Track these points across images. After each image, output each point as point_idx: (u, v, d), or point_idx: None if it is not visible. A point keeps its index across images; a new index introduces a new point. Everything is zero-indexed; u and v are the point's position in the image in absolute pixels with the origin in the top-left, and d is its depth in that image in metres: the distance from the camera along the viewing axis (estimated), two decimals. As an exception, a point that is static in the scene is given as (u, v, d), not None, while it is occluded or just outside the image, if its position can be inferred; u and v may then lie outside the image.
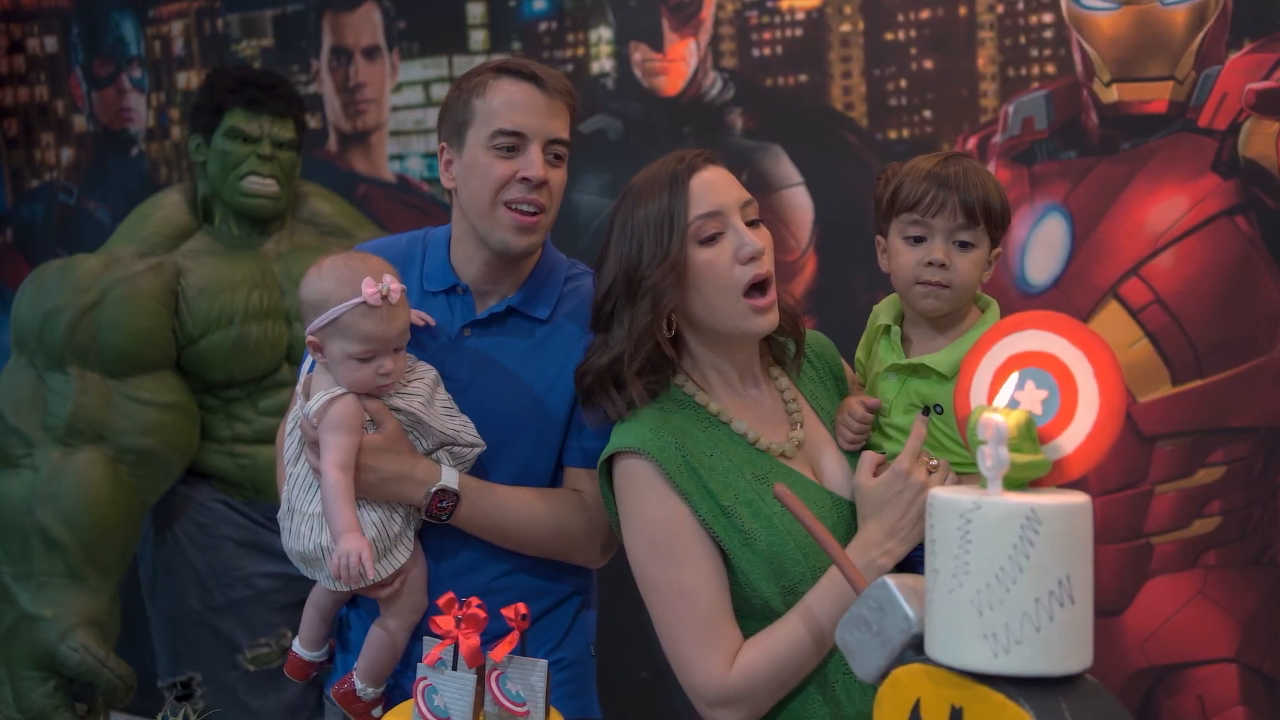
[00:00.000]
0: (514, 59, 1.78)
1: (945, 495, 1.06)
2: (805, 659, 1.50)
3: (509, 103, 1.71)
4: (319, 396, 1.64)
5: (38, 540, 2.58)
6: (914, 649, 1.13)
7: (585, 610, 1.89)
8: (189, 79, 3.65)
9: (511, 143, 1.70)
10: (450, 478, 1.68)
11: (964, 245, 1.58)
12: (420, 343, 1.77)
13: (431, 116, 3.32)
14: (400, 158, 3.38)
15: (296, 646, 1.79)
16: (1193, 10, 2.44)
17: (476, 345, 1.78)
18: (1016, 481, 1.07)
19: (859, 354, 1.74)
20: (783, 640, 1.50)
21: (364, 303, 1.60)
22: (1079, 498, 1.04)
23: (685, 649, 1.51)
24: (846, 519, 1.58)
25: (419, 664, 1.37)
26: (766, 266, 1.56)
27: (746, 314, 1.55)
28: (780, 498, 1.37)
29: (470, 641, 1.32)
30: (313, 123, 3.45)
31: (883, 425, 1.65)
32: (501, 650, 1.36)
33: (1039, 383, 1.11)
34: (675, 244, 1.54)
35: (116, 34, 3.75)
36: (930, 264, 1.57)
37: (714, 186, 1.57)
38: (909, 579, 1.17)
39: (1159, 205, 2.50)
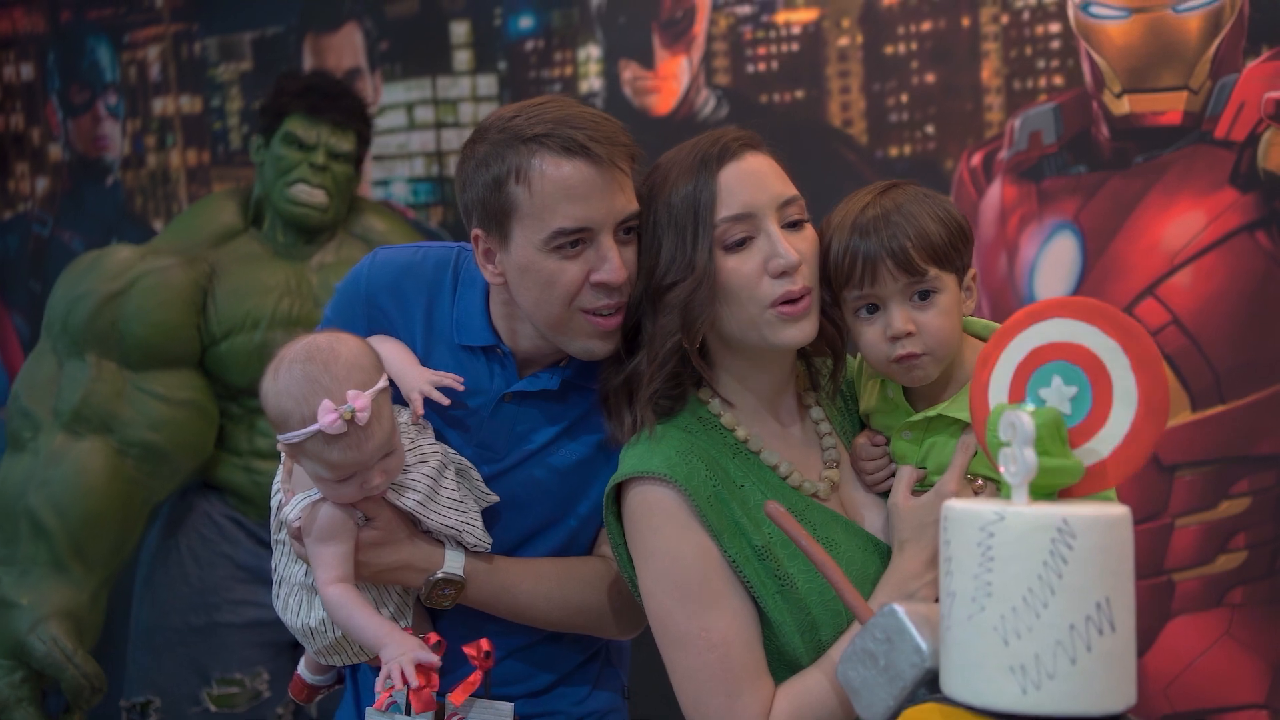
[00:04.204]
0: (545, 117, 1.43)
1: (963, 505, 0.92)
2: (844, 714, 1.31)
3: (563, 192, 1.39)
4: (298, 500, 1.43)
5: (26, 525, 2.55)
6: (928, 686, 0.99)
7: (618, 651, 1.71)
8: (165, 105, 3.56)
9: (576, 239, 1.41)
10: (454, 563, 1.48)
11: (924, 296, 1.37)
12: (449, 409, 1.51)
13: (415, 140, 3.23)
14: (384, 183, 3.29)
15: (301, 669, 1.64)
16: (1207, 17, 2.35)
17: (517, 414, 1.54)
18: (1045, 489, 0.93)
19: (863, 405, 1.53)
20: (815, 691, 1.31)
21: (322, 430, 1.34)
22: (1118, 508, 0.91)
23: (715, 708, 1.32)
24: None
25: (368, 710, 1.22)
26: (802, 282, 1.36)
27: (774, 324, 1.37)
28: (772, 516, 1.22)
29: (421, 690, 1.17)
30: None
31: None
32: (462, 693, 1.21)
33: (1067, 378, 0.98)
34: (702, 252, 1.36)
35: (92, 60, 3.68)
36: (894, 338, 1.37)
37: (749, 180, 1.38)
38: (921, 606, 1.03)
39: (1175, 221, 2.41)
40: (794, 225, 1.39)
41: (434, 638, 1.25)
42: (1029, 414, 0.92)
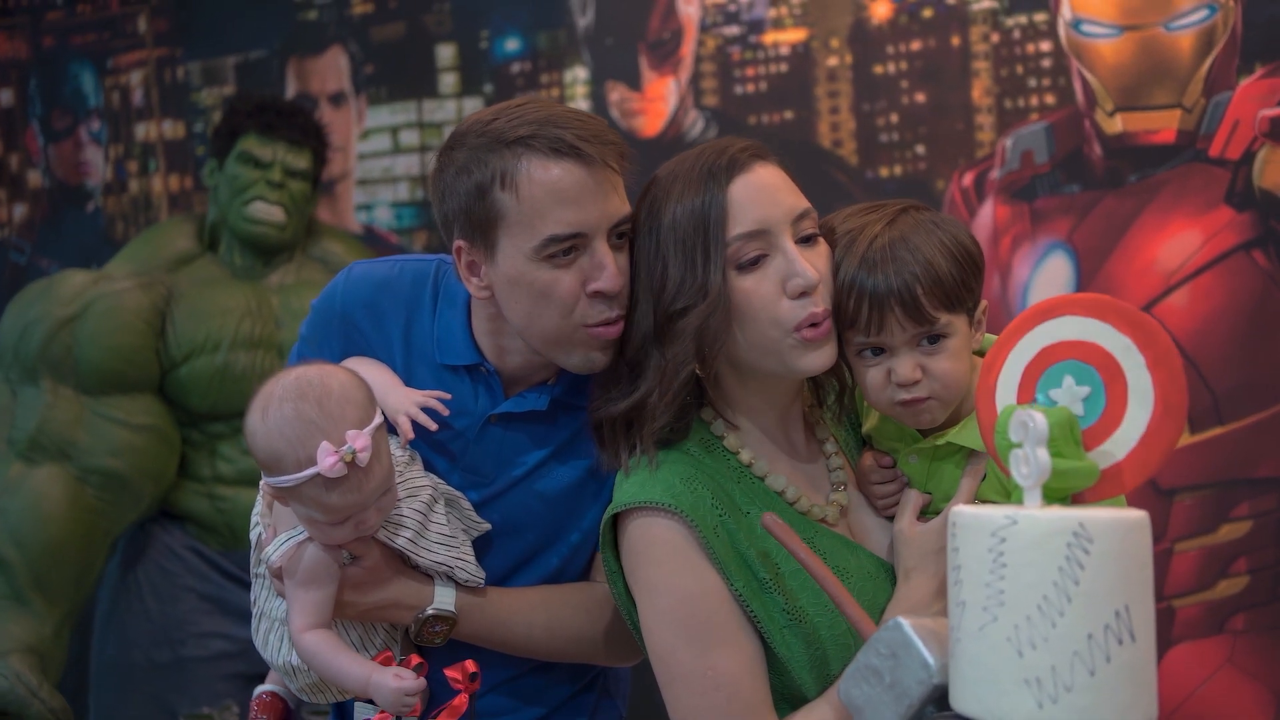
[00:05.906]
0: (527, 118, 1.35)
1: (972, 511, 0.87)
2: None
3: (553, 196, 1.30)
4: (280, 541, 1.35)
5: None
6: (936, 704, 0.94)
7: (615, 680, 1.64)
8: (148, 130, 3.52)
9: (569, 246, 1.33)
10: (444, 599, 1.41)
11: (933, 340, 1.29)
12: (434, 432, 1.44)
13: (400, 164, 3.19)
14: (367, 208, 3.26)
15: (272, 685, 1.55)
16: (1200, 34, 2.33)
17: (504, 436, 1.47)
18: (1058, 493, 0.89)
19: (866, 426, 1.47)
20: None
21: (321, 474, 1.26)
22: (1136, 512, 0.86)
23: None
24: None
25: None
26: (823, 304, 1.28)
27: (796, 349, 1.29)
28: (768, 527, 1.17)
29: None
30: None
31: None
32: (447, 717, 1.15)
33: (1079, 378, 0.93)
34: (714, 273, 1.27)
35: (75, 85, 3.64)
36: (901, 385, 1.29)
37: (761, 194, 1.29)
38: (927, 620, 0.98)
39: (1170, 241, 2.38)
40: (807, 240, 1.31)
41: (415, 659, 1.19)
42: (1041, 413, 0.88)
